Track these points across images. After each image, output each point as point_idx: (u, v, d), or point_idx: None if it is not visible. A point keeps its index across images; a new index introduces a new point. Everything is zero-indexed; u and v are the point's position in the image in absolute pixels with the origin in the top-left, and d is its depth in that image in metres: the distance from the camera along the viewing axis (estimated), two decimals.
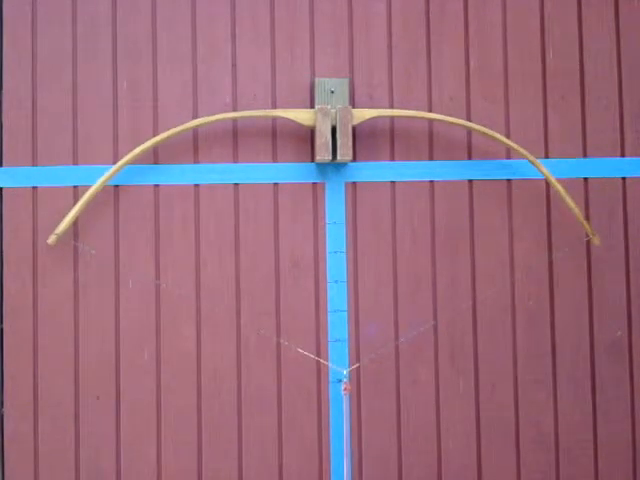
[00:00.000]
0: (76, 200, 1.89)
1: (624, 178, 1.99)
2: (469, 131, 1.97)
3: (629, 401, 1.96)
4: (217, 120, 1.88)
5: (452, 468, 1.93)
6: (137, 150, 1.85)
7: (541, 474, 1.94)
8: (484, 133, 1.91)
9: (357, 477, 1.91)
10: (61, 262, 1.89)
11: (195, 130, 1.93)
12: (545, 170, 1.88)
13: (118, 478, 1.88)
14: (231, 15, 1.97)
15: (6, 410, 1.88)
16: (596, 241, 1.92)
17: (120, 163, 1.85)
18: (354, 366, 1.91)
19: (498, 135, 1.91)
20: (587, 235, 1.93)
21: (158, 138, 1.86)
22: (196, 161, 1.94)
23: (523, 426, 1.94)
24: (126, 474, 1.88)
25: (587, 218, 1.97)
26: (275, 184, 1.95)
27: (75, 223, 1.89)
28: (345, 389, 1.81)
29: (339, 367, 1.89)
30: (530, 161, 1.89)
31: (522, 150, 1.90)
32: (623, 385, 1.96)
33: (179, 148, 1.93)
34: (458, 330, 1.95)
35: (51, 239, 1.82)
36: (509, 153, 1.98)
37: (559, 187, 1.88)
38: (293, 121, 1.89)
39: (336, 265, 1.93)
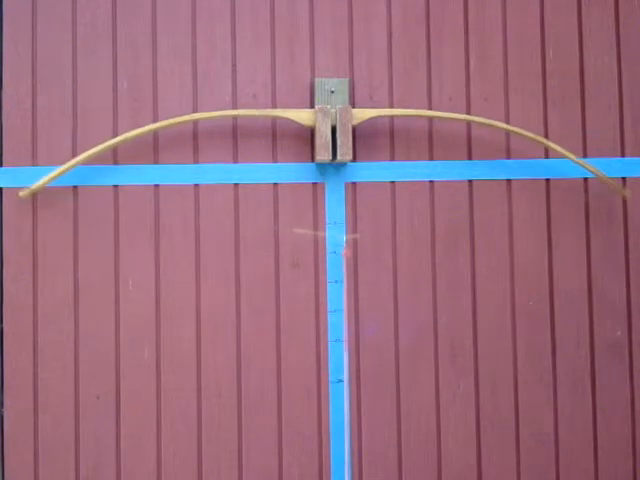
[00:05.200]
0: (76, 200, 1.90)
1: (624, 178, 1.99)
2: (469, 131, 1.97)
3: (629, 401, 1.96)
4: (216, 116, 1.88)
5: (452, 468, 1.93)
6: (135, 132, 1.85)
7: (541, 474, 1.94)
8: (490, 125, 1.90)
9: (357, 477, 1.91)
10: (61, 262, 1.89)
11: (195, 130, 1.93)
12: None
13: (118, 478, 1.88)
14: (231, 15, 1.97)
15: (6, 410, 1.88)
16: (625, 193, 1.94)
17: (119, 138, 1.86)
18: (351, 235, 1.91)
19: (500, 124, 1.91)
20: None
21: (158, 125, 1.86)
22: (196, 161, 1.94)
23: (523, 426, 1.94)
24: (126, 474, 1.88)
25: (587, 218, 1.97)
26: (275, 184, 1.95)
27: (75, 222, 1.89)
28: (344, 253, 1.82)
29: (338, 235, 1.89)
30: (531, 138, 1.89)
31: (524, 131, 1.90)
32: (623, 385, 1.96)
33: (179, 148, 1.93)
34: (458, 330, 1.95)
35: (23, 192, 1.83)
36: (509, 153, 1.98)
37: (566, 153, 1.89)
38: (293, 121, 1.89)
39: (336, 265, 1.93)
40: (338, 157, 1.86)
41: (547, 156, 1.98)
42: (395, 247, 1.95)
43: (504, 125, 1.91)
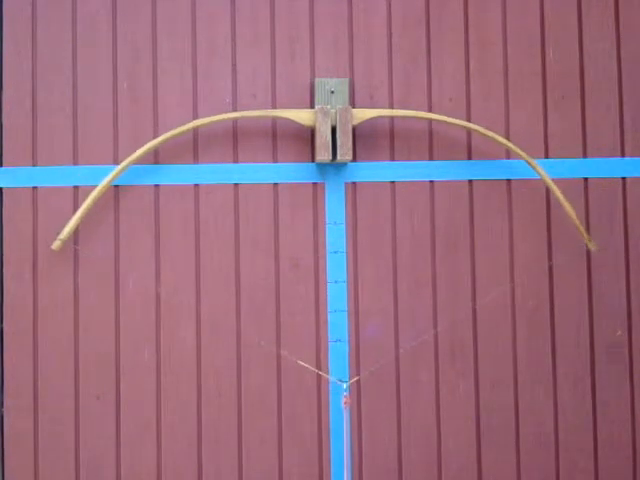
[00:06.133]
0: (76, 200, 1.90)
1: (624, 178, 1.99)
2: (469, 131, 1.97)
3: (629, 401, 1.95)
4: (217, 120, 1.88)
5: (452, 468, 1.93)
6: (137, 153, 1.85)
7: (541, 474, 1.94)
8: (483, 134, 1.91)
9: (357, 477, 1.91)
10: (61, 262, 1.89)
11: (195, 130, 1.93)
12: (542, 171, 1.88)
13: (118, 478, 1.88)
14: (231, 15, 1.97)
15: (6, 410, 1.88)
16: (592, 247, 1.91)
17: (121, 166, 1.85)
18: (354, 379, 1.90)
19: (496, 136, 1.90)
20: (584, 240, 1.92)
21: (160, 139, 1.86)
22: (196, 161, 1.94)
23: (523, 426, 1.94)
24: (126, 474, 1.88)
25: (587, 218, 1.97)
26: (275, 184, 1.95)
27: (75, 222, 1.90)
28: (345, 402, 1.80)
29: (339, 380, 1.88)
30: (527, 162, 1.89)
31: (520, 151, 1.89)
32: (623, 385, 1.96)
33: (179, 148, 1.93)
34: (458, 330, 1.95)
35: (55, 244, 1.82)
36: (509, 153, 1.98)
37: (556, 189, 1.87)
38: (293, 121, 1.89)
39: (336, 265, 1.93)
40: (338, 157, 1.86)
41: (547, 156, 1.97)
42: (395, 247, 1.95)
43: (502, 139, 1.90)
